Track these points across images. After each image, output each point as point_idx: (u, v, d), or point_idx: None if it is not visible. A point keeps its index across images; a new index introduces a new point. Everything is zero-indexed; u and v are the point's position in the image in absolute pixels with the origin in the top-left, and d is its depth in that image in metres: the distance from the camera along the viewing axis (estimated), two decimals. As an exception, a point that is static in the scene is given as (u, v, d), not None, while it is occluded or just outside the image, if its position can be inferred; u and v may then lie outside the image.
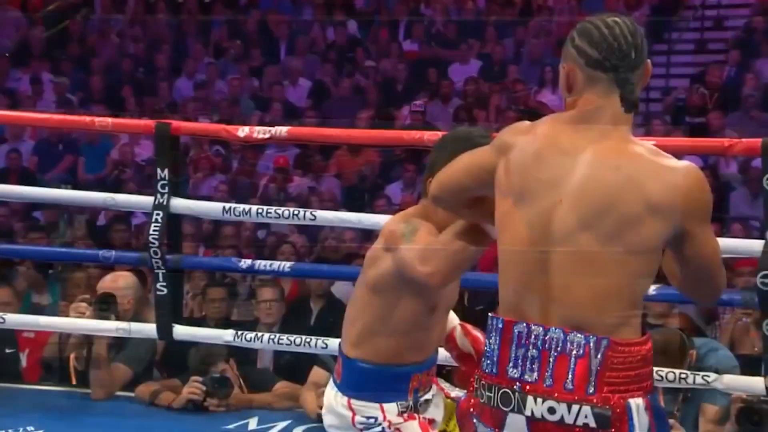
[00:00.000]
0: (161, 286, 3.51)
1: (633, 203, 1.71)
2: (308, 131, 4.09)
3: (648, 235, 1.72)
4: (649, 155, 1.76)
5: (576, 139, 1.76)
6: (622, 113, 1.77)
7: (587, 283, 1.73)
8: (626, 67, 1.75)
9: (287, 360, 4.22)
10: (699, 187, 1.75)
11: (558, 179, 1.76)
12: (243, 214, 3.45)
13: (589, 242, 1.73)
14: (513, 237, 1.80)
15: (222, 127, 3.63)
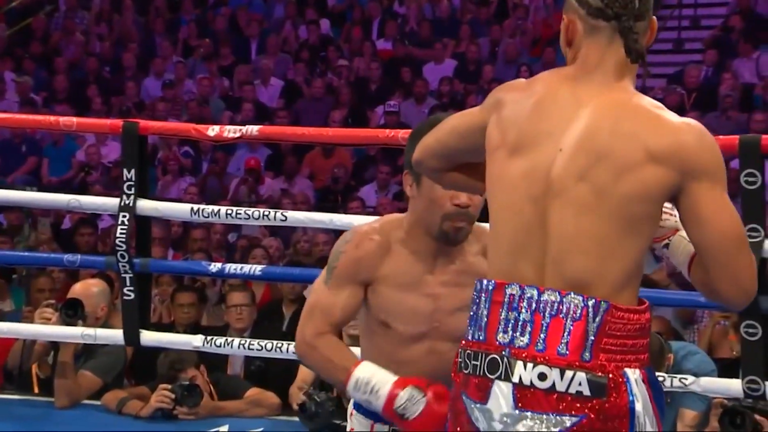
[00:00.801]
0: (128, 291, 3.42)
1: (632, 151, 1.61)
2: (280, 130, 4.02)
3: (648, 181, 1.60)
4: (652, 107, 1.65)
5: (576, 91, 1.67)
6: (625, 64, 1.67)
7: (587, 235, 1.61)
8: (629, 15, 1.65)
9: (258, 366, 4.16)
10: (706, 142, 1.62)
11: (557, 129, 1.65)
12: (212, 215, 3.37)
13: (587, 191, 1.62)
14: (507, 191, 1.69)
15: (192, 126, 3.55)
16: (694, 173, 1.60)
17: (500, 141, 1.70)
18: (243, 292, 4.39)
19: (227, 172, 8.21)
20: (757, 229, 2.68)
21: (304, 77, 9.36)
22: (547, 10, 9.53)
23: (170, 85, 9.42)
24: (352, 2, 10.32)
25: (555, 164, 1.64)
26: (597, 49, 1.68)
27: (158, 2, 10.77)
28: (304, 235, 6.16)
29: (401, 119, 8.17)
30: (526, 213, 1.65)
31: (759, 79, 8.23)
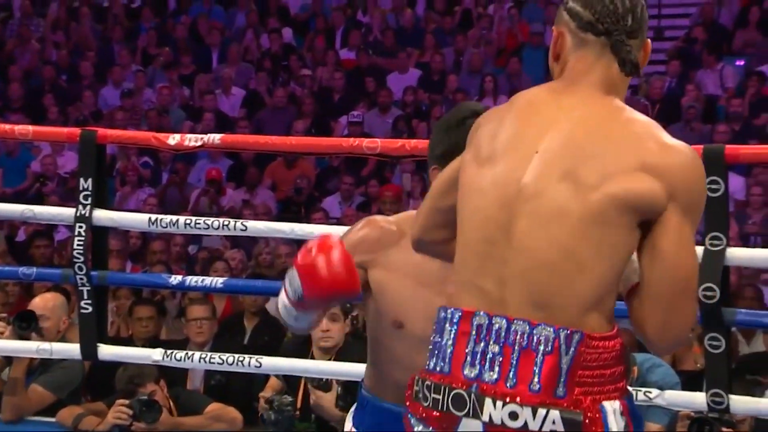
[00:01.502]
0: (86, 304, 3.35)
1: (624, 156, 1.51)
2: (242, 139, 3.96)
3: (635, 188, 1.50)
4: (650, 123, 1.57)
5: (560, 100, 1.59)
6: (614, 81, 1.60)
7: (555, 247, 1.50)
8: (621, 31, 1.59)
9: (219, 380, 4.12)
10: (699, 172, 1.55)
11: (535, 133, 1.56)
12: (170, 225, 3.29)
13: (567, 192, 1.51)
14: (475, 197, 1.58)
15: (152, 134, 3.50)
16: (678, 197, 1.52)
17: (473, 156, 1.62)
18: (203, 306, 4.36)
19: (188, 183, 8.10)
20: (720, 237, 2.67)
21: (267, 87, 9.28)
22: (512, 20, 9.54)
23: (129, 95, 9.29)
24: (315, 11, 10.26)
25: (530, 166, 1.55)
26: (584, 63, 1.61)
27: (116, 10, 10.64)
28: (266, 246, 6.09)
29: (365, 129, 8.12)
30: (492, 221, 1.56)
31: (722, 90, 8.30)
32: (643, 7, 1.62)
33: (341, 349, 3.75)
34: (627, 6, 1.60)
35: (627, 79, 1.63)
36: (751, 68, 8.36)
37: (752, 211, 6.38)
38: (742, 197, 6.66)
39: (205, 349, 4.14)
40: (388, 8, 10.02)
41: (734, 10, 9.09)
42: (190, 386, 4.19)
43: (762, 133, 7.20)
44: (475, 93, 8.70)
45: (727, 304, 2.75)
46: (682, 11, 9.75)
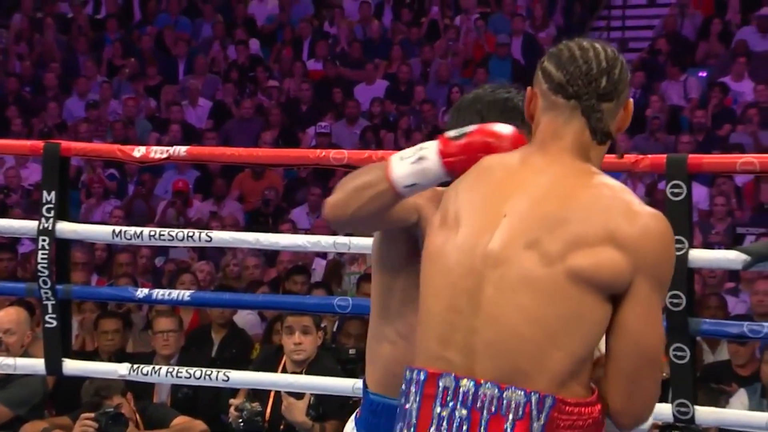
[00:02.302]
0: (50, 318, 3.31)
1: (593, 225, 1.46)
2: (209, 150, 3.95)
3: (602, 262, 1.44)
4: (621, 190, 1.51)
5: (529, 161, 1.54)
6: (587, 145, 1.55)
7: (525, 316, 1.44)
8: (591, 95, 1.53)
9: (186, 393, 4.10)
10: (667, 242, 1.49)
11: (503, 196, 1.51)
12: (135, 237, 3.27)
13: (534, 261, 1.46)
14: (439, 263, 1.52)
15: (117, 147, 3.47)
16: (645, 269, 1.46)
17: (440, 220, 1.56)
18: (170, 318, 4.34)
19: (154, 195, 8.05)
20: (682, 240, 2.68)
21: (234, 98, 9.25)
22: (479, 31, 9.58)
23: (94, 106, 9.22)
24: (281, 22, 10.25)
25: (497, 231, 1.49)
26: (554, 127, 1.56)
27: (81, 21, 10.56)
28: (234, 258, 6.06)
29: (333, 140, 8.11)
30: (458, 288, 1.49)
31: (686, 101, 8.40)
32: (622, 67, 1.56)
33: (312, 361, 3.74)
34: (602, 67, 1.54)
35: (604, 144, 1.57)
36: (713, 79, 8.47)
37: (716, 221, 6.45)
38: (705, 207, 6.73)
39: (171, 361, 4.13)
40: (355, 19, 10.04)
41: (696, 22, 9.20)
42: (157, 399, 4.16)
43: (724, 144, 7.29)
44: (443, 103, 8.73)
45: (692, 313, 2.77)
46: (646, 23, 9.87)
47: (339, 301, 3.13)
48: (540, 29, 9.49)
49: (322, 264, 6.17)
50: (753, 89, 8.07)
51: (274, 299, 4.19)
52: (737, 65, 8.33)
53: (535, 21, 9.52)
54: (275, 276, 5.94)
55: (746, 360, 4.23)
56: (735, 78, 8.32)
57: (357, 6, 10.10)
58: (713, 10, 9.24)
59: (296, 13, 10.28)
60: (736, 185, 6.96)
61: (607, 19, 10.03)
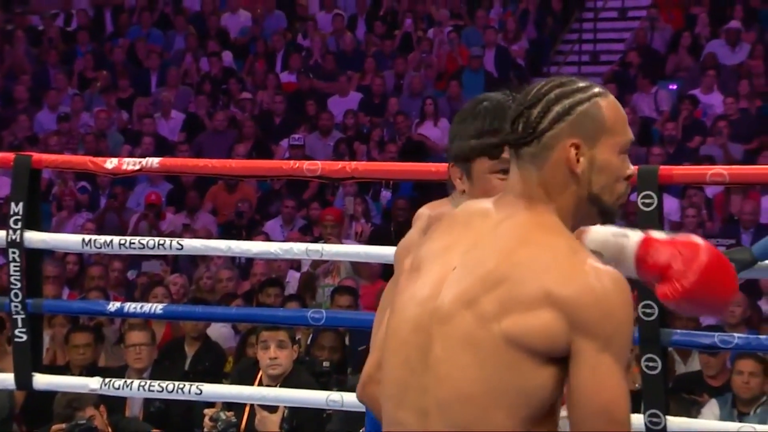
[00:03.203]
0: (20, 333, 3.27)
1: (530, 285, 1.40)
2: (182, 162, 3.94)
3: (533, 326, 1.38)
4: (567, 245, 1.43)
5: (489, 216, 1.49)
6: (536, 186, 1.47)
7: (469, 376, 1.40)
8: (518, 139, 1.47)
9: (158, 407, 4.09)
10: (612, 299, 1.39)
11: (456, 246, 1.47)
12: (105, 245, 3.23)
13: (471, 322, 1.41)
14: (394, 316, 1.49)
15: (89, 159, 3.46)
16: (587, 329, 1.38)
17: (410, 263, 1.53)
18: (142, 332, 4.34)
19: (127, 208, 8.00)
20: None
21: (206, 110, 9.22)
22: (452, 44, 9.63)
23: (65, 119, 9.16)
24: (254, 35, 10.25)
25: (446, 285, 1.45)
26: (512, 174, 1.50)
27: (52, 33, 10.50)
28: (207, 271, 6.03)
29: (306, 152, 8.11)
30: (410, 345, 1.45)
31: (657, 113, 8.48)
32: (548, 106, 1.46)
33: (288, 375, 3.73)
34: (520, 108, 1.48)
35: (561, 182, 1.47)
36: (683, 92, 8.57)
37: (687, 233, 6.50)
38: (677, 219, 6.79)
39: (144, 375, 4.12)
40: (328, 32, 10.05)
41: (666, 35, 9.31)
42: (129, 413, 4.15)
43: (695, 156, 7.37)
44: (416, 116, 8.76)
45: (663, 324, 2.79)
46: (617, 36, 9.97)
47: (313, 314, 3.13)
48: (512, 42, 9.55)
49: (296, 276, 6.16)
50: (722, 102, 8.17)
51: (248, 312, 4.18)
52: (707, 78, 8.42)
53: (508, 34, 9.58)
54: (249, 289, 5.92)
55: (717, 371, 4.28)
56: (705, 90, 8.41)
57: (330, 18, 10.12)
58: (683, 23, 9.35)
59: (269, 25, 10.28)
60: (706, 197, 7.03)
61: (579, 32, 10.11)
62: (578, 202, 1.47)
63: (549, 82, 1.48)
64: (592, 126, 1.46)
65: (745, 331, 4.54)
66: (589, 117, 1.46)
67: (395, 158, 7.73)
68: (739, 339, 2.91)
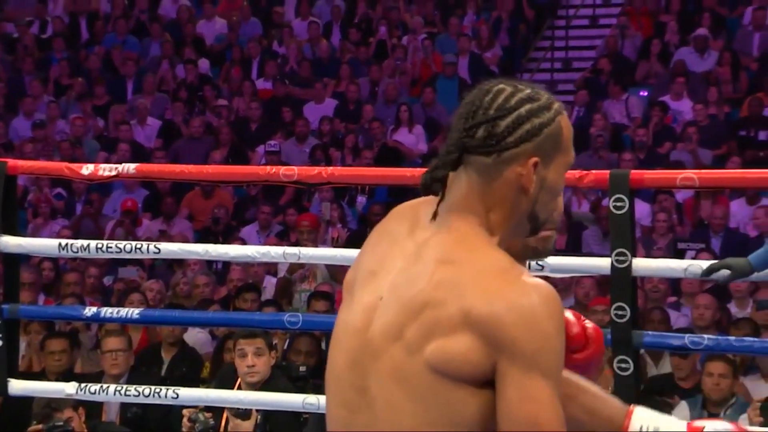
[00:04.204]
0: None
1: (449, 307, 1.33)
2: (158, 168, 3.96)
3: (452, 351, 1.32)
4: (492, 261, 1.36)
5: (417, 233, 1.41)
6: (480, 201, 1.39)
7: (405, 413, 1.34)
8: (477, 147, 1.38)
9: (135, 413, 4.10)
10: (535, 316, 1.31)
11: (383, 270, 1.40)
12: (81, 250, 3.25)
13: (400, 355, 1.34)
14: (336, 348, 1.42)
15: (65, 165, 3.46)
16: (509, 349, 1.31)
17: (348, 280, 1.47)
18: (119, 337, 4.33)
19: (103, 214, 7.99)
20: (625, 253, 2.77)
21: (183, 117, 9.23)
22: (426, 51, 9.70)
23: (41, 126, 9.14)
24: (230, 42, 10.27)
25: (375, 316, 1.38)
26: (453, 180, 1.41)
27: (27, 41, 10.47)
28: (184, 277, 6.04)
29: (282, 159, 8.14)
30: (346, 383, 1.39)
31: (628, 120, 8.57)
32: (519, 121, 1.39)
33: (266, 381, 3.74)
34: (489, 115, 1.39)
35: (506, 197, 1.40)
36: (653, 98, 8.66)
37: (658, 237, 6.59)
38: (648, 223, 6.87)
39: (121, 381, 4.10)
40: (303, 39, 10.09)
41: (637, 42, 9.41)
42: (106, 419, 4.14)
43: (665, 161, 7.46)
44: (391, 122, 8.82)
45: (635, 326, 2.83)
46: (589, 44, 10.06)
47: (289, 318, 3.16)
48: (486, 49, 9.63)
49: (273, 282, 6.18)
50: (692, 108, 8.27)
51: (224, 316, 4.19)
52: (676, 85, 8.52)
53: (481, 41, 9.66)
54: (226, 294, 5.93)
55: (688, 373, 4.32)
56: (674, 97, 8.51)
57: (305, 26, 10.16)
58: (652, 31, 9.45)
59: (245, 32, 10.30)
60: (676, 202, 7.12)
61: (551, 39, 10.20)
62: (518, 218, 1.41)
63: (516, 93, 1.40)
64: (552, 146, 1.41)
65: (714, 333, 4.55)
66: (552, 137, 1.40)
67: (371, 164, 7.79)
68: (709, 340, 2.95)
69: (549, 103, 1.41)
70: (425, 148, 8.55)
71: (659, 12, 9.63)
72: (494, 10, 10.03)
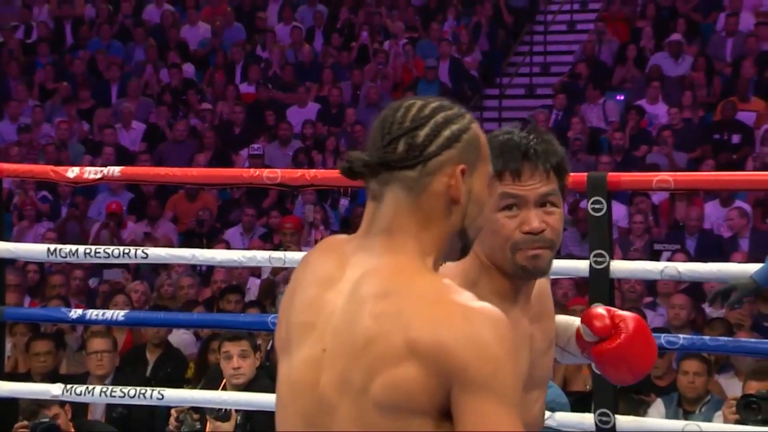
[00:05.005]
0: None
1: (392, 338, 1.26)
2: (143, 170, 4.00)
3: (399, 384, 1.25)
4: (432, 285, 1.30)
5: (343, 261, 1.34)
6: (410, 223, 1.32)
7: None
8: (400, 162, 1.31)
9: (121, 413, 4.13)
10: (488, 337, 1.25)
11: (317, 321, 1.32)
12: (70, 255, 3.27)
13: (349, 406, 1.27)
14: (278, 410, 1.35)
15: (50, 168, 3.48)
16: (458, 377, 1.24)
17: (281, 330, 1.38)
18: (104, 338, 4.35)
19: (88, 217, 8.03)
20: (603, 254, 2.81)
21: (167, 120, 9.28)
22: (407, 56, 9.79)
23: (26, 129, 9.17)
24: (214, 47, 10.33)
25: (322, 370, 1.30)
26: (379, 202, 1.35)
27: (12, 45, 10.50)
28: (168, 278, 6.09)
29: (266, 162, 8.20)
30: None
31: (605, 123, 8.68)
32: (435, 131, 1.33)
33: (251, 382, 3.77)
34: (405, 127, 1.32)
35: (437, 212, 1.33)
36: (630, 102, 8.75)
37: (634, 238, 6.69)
38: (625, 225, 6.98)
39: (106, 381, 4.13)
40: (286, 44, 10.16)
41: (613, 48, 9.51)
42: (91, 417, 4.17)
43: (641, 164, 7.56)
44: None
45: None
46: (566, 49, 10.15)
47: (273, 319, 3.19)
48: (466, 54, 9.73)
49: (257, 283, 6.24)
50: (667, 112, 8.37)
51: (208, 318, 4.23)
52: (652, 89, 8.61)
53: (461, 46, 9.75)
54: (210, 296, 5.96)
55: (663, 371, 4.38)
56: (650, 101, 8.60)
57: (288, 31, 10.23)
58: (629, 36, 9.56)
59: (228, 37, 10.36)
60: (652, 203, 7.22)
61: (530, 45, 10.31)
62: (449, 235, 1.35)
63: (428, 103, 1.35)
64: (474, 153, 1.35)
65: (689, 332, 4.60)
66: (472, 144, 1.35)
67: (353, 167, 7.83)
68: (684, 340, 2.98)
69: (461, 111, 1.37)
70: (406, 151, 8.62)
71: (635, 18, 9.74)
72: (474, 15, 10.12)
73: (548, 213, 1.64)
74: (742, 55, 8.70)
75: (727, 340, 3.40)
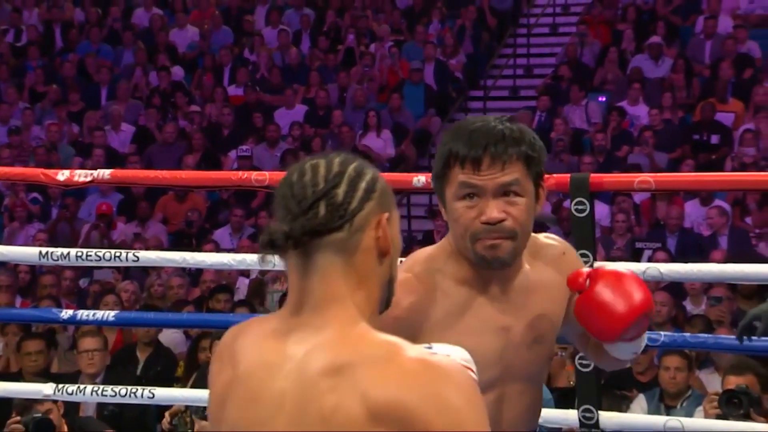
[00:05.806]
0: None
1: (349, 403, 1.22)
2: (132, 173, 4.00)
3: None
4: (379, 344, 1.25)
5: (284, 341, 1.29)
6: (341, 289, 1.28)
7: None
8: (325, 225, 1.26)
9: (112, 411, 4.15)
10: (445, 393, 1.22)
11: (266, 411, 1.26)
12: (61, 258, 3.26)
13: None
14: None
15: (41, 170, 3.47)
16: (431, 426, 1.21)
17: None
18: (95, 337, 4.37)
19: (78, 218, 8.07)
20: (587, 255, 2.83)
21: (156, 123, 9.34)
22: (393, 58, 9.88)
23: (16, 132, 9.22)
24: (202, 50, 10.39)
25: None
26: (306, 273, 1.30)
27: (2, 48, 10.55)
28: (158, 278, 6.14)
29: (254, 163, 8.27)
30: None
31: (588, 124, 8.77)
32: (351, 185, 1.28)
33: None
34: (311, 194, 1.28)
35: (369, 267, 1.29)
36: (611, 104, 8.82)
37: (617, 237, 6.77)
38: (607, 224, 7.07)
39: (97, 380, 4.16)
40: (274, 47, 10.22)
41: (595, 50, 9.60)
42: (83, 413, 4.20)
43: (623, 164, 7.64)
44: (360, 127, 8.98)
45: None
46: (549, 51, 10.23)
47: (262, 317, 3.26)
48: (451, 56, 9.81)
49: (246, 283, 6.30)
50: (648, 113, 8.45)
51: (198, 317, 4.25)
52: (633, 90, 8.68)
53: (446, 49, 9.82)
54: (199, 295, 5.99)
55: (645, 367, 4.41)
56: (631, 102, 8.67)
57: (276, 34, 10.29)
58: (610, 38, 9.64)
59: (216, 40, 10.43)
60: (634, 203, 7.29)
61: (513, 47, 10.39)
62: (382, 288, 1.32)
63: (332, 160, 1.30)
64: (388, 200, 1.32)
65: (670, 329, 4.64)
66: (385, 191, 1.32)
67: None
68: (666, 337, 2.98)
69: (363, 160, 1.33)
70: (393, 152, 8.74)
71: (616, 21, 9.82)
72: (458, 18, 10.20)
73: (510, 203, 1.62)
74: (721, 57, 8.78)
75: (707, 336, 3.39)
